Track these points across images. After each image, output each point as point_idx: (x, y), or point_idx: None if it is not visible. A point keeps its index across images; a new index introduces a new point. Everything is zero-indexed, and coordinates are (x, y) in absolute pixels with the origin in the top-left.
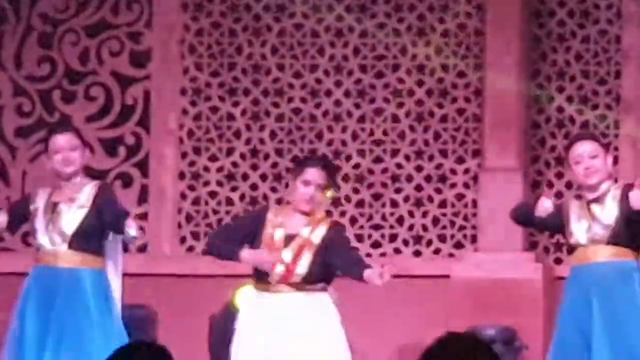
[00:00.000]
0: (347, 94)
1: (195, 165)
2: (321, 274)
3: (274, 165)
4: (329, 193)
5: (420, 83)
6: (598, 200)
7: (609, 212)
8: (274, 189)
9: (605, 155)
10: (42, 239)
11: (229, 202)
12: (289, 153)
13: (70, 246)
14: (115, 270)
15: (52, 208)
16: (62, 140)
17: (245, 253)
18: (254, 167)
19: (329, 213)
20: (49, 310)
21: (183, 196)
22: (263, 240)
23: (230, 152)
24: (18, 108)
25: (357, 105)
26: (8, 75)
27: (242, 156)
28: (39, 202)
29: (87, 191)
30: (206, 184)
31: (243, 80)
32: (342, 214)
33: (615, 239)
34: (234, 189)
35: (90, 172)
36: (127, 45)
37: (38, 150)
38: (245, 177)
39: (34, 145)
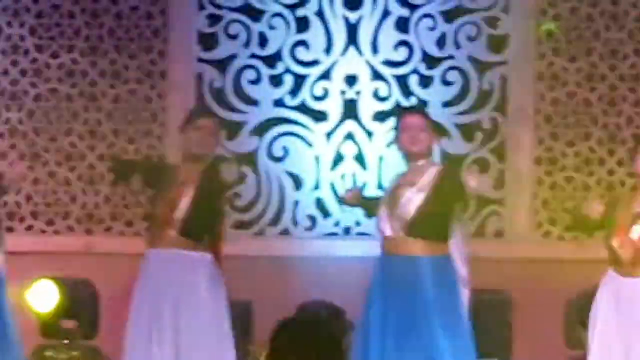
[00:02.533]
0: None
1: (552, 151)
2: None
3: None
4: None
5: None
6: None
7: None
8: (630, 174)
9: None
10: (384, 226)
11: (586, 187)
12: None
13: (409, 233)
14: (460, 255)
15: (394, 193)
16: (412, 119)
17: None
18: (611, 153)
19: None
20: (391, 298)
21: (539, 181)
22: None
23: (587, 137)
24: (375, 93)
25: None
26: (365, 60)
27: (599, 142)
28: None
29: (430, 175)
30: (563, 169)
31: (600, 65)
32: None
33: None
34: (590, 174)
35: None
36: (484, 30)
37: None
38: (601, 162)
39: (390, 130)
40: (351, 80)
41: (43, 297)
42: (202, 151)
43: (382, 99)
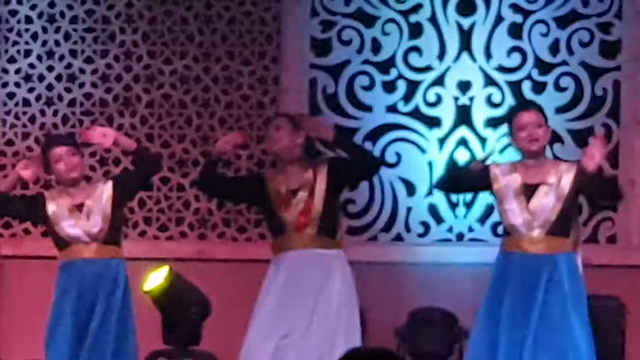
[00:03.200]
0: None
1: None
2: None
3: None
4: None
5: None
6: None
7: None
8: None
9: None
10: (518, 222)
11: None
12: None
13: (549, 231)
14: None
15: (525, 189)
16: (527, 116)
17: None
18: None
19: None
20: (527, 295)
21: None
22: None
23: None
24: (488, 99)
25: None
26: (478, 66)
27: None
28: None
29: (561, 173)
30: None
31: None
32: None
33: None
34: None
35: None
36: (597, 35)
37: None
38: None
39: (503, 136)
40: (464, 86)
41: (157, 280)
42: (277, 148)
43: (496, 105)
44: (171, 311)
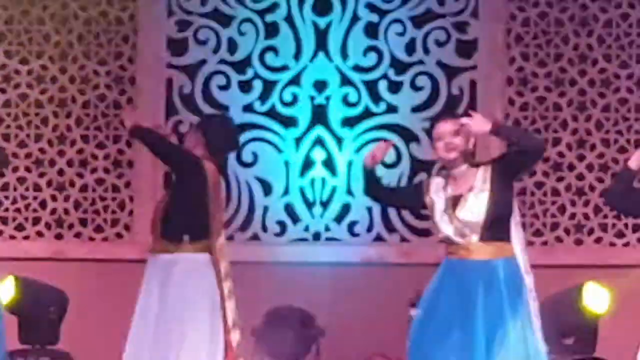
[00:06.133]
0: None
1: None
2: None
3: (600, 155)
4: None
5: None
6: None
7: None
8: (600, 179)
9: None
10: (448, 231)
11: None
12: (616, 144)
13: (483, 237)
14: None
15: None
16: (442, 126)
17: None
18: (580, 158)
19: None
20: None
21: None
22: None
23: (556, 142)
24: (344, 98)
25: None
26: (334, 65)
27: (569, 147)
28: None
29: (482, 175)
30: (531, 175)
31: (570, 70)
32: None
33: None
34: (559, 180)
35: (415, 164)
36: (453, 35)
37: (364, 140)
38: (571, 167)
39: (359, 135)
40: (320, 85)
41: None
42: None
43: (352, 105)
44: (28, 313)
